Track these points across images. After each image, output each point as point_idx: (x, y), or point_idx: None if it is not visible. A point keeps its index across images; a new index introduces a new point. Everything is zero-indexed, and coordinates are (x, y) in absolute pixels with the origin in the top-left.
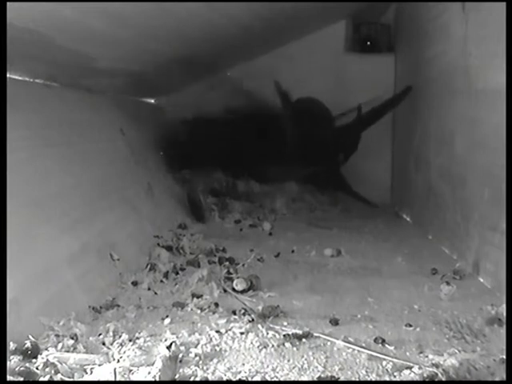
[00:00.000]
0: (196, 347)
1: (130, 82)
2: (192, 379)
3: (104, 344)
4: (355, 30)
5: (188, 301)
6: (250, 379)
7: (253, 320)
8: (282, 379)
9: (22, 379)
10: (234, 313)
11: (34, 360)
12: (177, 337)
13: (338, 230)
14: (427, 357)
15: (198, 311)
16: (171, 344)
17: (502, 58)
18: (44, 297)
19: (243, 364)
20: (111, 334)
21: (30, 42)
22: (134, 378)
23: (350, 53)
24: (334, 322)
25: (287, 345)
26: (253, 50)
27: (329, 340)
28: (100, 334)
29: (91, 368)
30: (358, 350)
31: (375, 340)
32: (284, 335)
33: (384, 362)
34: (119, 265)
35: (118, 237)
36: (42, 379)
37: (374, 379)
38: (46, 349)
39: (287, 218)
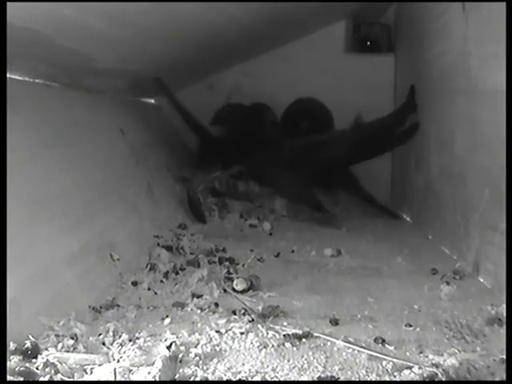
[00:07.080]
0: (196, 347)
1: (130, 82)
2: (192, 379)
3: (104, 344)
4: (355, 30)
5: (188, 301)
6: (250, 379)
7: (253, 320)
8: (282, 379)
9: (22, 379)
10: (234, 313)
11: (34, 360)
12: (177, 337)
13: (337, 229)
14: (427, 357)
15: (198, 311)
16: (171, 344)
17: (502, 58)
18: (44, 297)
19: (243, 364)
20: (111, 333)
21: (29, 42)
22: (134, 378)
23: (349, 53)
24: (334, 322)
25: (287, 345)
26: (252, 49)
27: (329, 340)
28: (100, 334)
29: (91, 368)
30: (358, 350)
31: (375, 340)
32: (284, 335)
33: (384, 362)
34: (119, 265)
35: (117, 237)
36: (42, 379)
37: (374, 379)
38: (46, 349)
39: (287, 218)
